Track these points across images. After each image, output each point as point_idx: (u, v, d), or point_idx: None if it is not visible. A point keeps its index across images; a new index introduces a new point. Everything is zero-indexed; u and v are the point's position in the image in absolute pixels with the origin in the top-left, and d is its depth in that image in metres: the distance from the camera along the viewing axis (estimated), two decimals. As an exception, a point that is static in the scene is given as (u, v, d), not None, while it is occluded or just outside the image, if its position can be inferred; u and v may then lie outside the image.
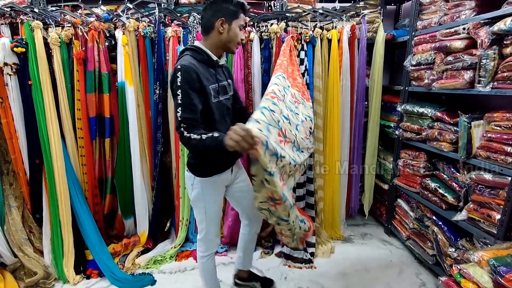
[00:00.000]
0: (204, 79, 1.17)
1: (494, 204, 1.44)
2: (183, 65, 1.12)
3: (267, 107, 1.17)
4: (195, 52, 1.21)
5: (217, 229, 1.42)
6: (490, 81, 1.43)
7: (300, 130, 1.36)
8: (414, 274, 1.89)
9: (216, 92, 1.22)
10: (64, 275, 1.86)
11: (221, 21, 1.18)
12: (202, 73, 1.17)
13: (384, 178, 2.42)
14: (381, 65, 2.19)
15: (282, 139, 1.21)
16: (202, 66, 1.20)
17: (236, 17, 1.20)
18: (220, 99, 1.25)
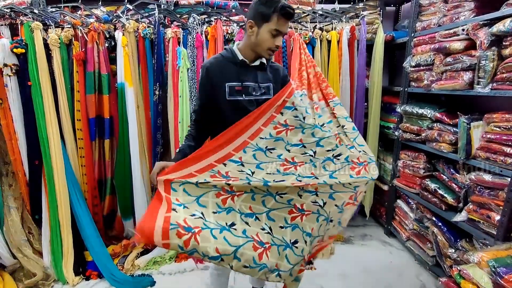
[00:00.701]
0: (220, 75, 1.17)
1: (493, 205, 1.44)
2: (203, 64, 1.21)
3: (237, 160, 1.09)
4: (225, 51, 1.23)
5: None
6: (489, 82, 1.43)
7: (265, 167, 1.13)
8: (414, 276, 1.89)
9: (232, 90, 1.17)
10: (63, 276, 1.85)
11: (250, 24, 1.13)
12: (221, 70, 1.17)
13: (383, 179, 2.42)
14: (380, 66, 2.19)
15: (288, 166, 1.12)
16: (226, 63, 1.19)
17: (267, 21, 1.09)
18: (237, 98, 1.17)
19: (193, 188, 1.04)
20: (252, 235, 1.03)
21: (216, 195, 1.05)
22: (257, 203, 1.08)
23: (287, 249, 1.07)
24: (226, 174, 1.08)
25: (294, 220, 1.10)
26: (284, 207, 1.10)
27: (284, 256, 1.07)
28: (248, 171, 1.10)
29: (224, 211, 1.05)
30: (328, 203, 1.13)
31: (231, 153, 1.10)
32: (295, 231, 1.09)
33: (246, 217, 1.06)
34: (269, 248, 1.04)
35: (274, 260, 1.04)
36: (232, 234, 1.00)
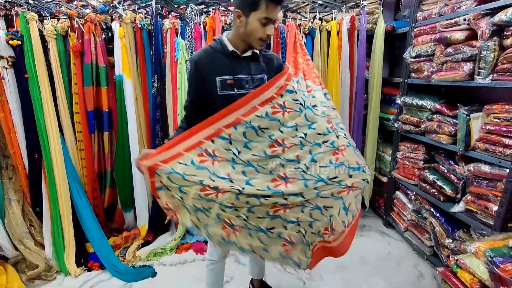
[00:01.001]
0: (210, 69, 1.12)
1: (491, 196, 1.45)
2: (191, 57, 1.18)
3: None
4: (215, 42, 1.17)
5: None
6: (489, 73, 1.42)
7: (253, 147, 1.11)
8: (412, 265, 1.92)
9: (224, 84, 1.13)
10: (65, 267, 1.88)
11: (237, 13, 1.07)
12: (210, 63, 1.13)
13: (383, 170, 2.43)
14: (381, 57, 2.17)
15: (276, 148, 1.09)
16: (216, 56, 1.13)
17: (254, 9, 1.03)
18: (229, 92, 1.13)
19: (179, 179, 1.04)
20: (225, 219, 1.08)
21: (200, 189, 1.05)
22: (241, 202, 1.08)
23: (260, 232, 1.10)
24: (213, 153, 1.07)
25: (276, 212, 1.09)
26: (268, 204, 1.08)
27: (256, 237, 1.11)
28: (235, 150, 1.08)
29: (203, 199, 1.06)
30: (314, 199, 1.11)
31: (222, 129, 1.07)
32: (274, 220, 1.10)
33: (224, 207, 1.07)
34: (240, 230, 1.09)
35: (244, 240, 1.10)
36: (205, 215, 1.08)
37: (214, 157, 1.07)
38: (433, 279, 1.78)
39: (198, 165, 1.05)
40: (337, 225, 1.15)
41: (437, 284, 1.74)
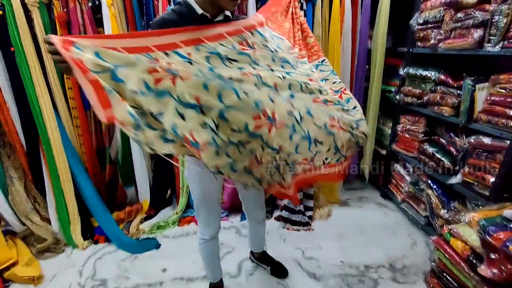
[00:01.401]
0: None
1: (489, 168, 1.45)
2: (152, 21, 0.99)
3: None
4: (179, 5, 1.01)
5: (209, 217, 1.28)
6: (500, 40, 1.36)
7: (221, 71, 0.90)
8: (406, 234, 1.99)
9: None
10: (72, 241, 1.94)
11: None
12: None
13: (382, 143, 2.43)
14: (385, 26, 2.05)
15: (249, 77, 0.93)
16: (182, 21, 0.96)
17: None
18: None
19: (110, 54, 0.74)
20: (184, 133, 0.81)
21: (148, 70, 0.77)
22: (211, 94, 0.83)
23: (232, 146, 0.88)
24: (169, 67, 0.80)
25: (258, 130, 0.90)
26: (248, 107, 0.87)
27: (223, 154, 0.87)
28: (198, 71, 0.85)
29: (151, 93, 0.77)
30: (306, 119, 1.01)
31: (178, 44, 0.84)
32: (253, 139, 0.91)
33: (185, 108, 0.81)
34: (205, 149, 0.84)
35: (211, 160, 0.86)
36: (157, 121, 0.80)
37: (173, 72, 0.81)
38: (426, 247, 1.86)
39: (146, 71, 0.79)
40: (319, 159, 1.10)
41: (430, 251, 1.81)
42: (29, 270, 1.71)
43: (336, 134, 1.11)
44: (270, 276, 1.67)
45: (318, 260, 1.78)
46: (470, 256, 1.28)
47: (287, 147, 0.99)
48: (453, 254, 1.37)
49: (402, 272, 1.68)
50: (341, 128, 1.13)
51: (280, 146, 0.97)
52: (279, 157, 1.00)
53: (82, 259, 1.85)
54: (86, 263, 1.82)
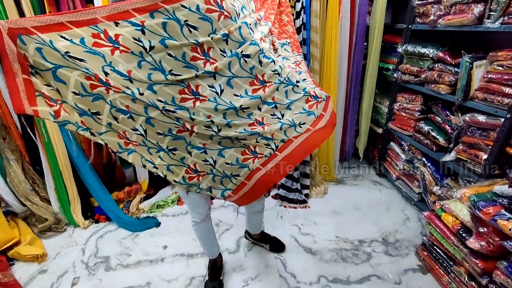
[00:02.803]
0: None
1: (483, 145, 1.48)
2: None
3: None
4: None
5: (195, 203, 1.27)
6: (500, 16, 1.33)
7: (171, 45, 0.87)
8: (400, 210, 2.05)
9: None
10: (74, 220, 1.98)
11: None
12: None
13: (378, 122, 2.44)
14: (384, 1, 2.00)
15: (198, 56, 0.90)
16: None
17: None
18: None
19: (54, 56, 0.77)
20: (119, 130, 0.91)
21: (85, 76, 0.80)
22: (138, 107, 0.88)
23: (161, 152, 0.99)
24: (115, 38, 0.80)
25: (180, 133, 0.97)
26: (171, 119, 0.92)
27: (155, 154, 0.99)
28: (147, 43, 0.83)
29: (88, 96, 0.83)
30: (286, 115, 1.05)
31: (131, 12, 0.80)
32: (177, 141, 0.98)
33: (117, 112, 0.87)
34: (137, 146, 0.95)
35: (146, 154, 0.97)
36: (93, 120, 0.87)
37: (116, 44, 0.81)
38: (418, 222, 1.93)
39: (90, 47, 0.79)
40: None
41: (422, 226, 1.88)
42: (33, 249, 1.76)
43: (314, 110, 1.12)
44: (268, 252, 1.73)
45: (314, 236, 1.84)
46: (460, 230, 1.33)
47: (210, 144, 1.02)
48: (444, 228, 1.43)
49: (394, 245, 1.75)
50: (318, 102, 1.14)
51: (204, 144, 1.01)
52: (210, 157, 1.03)
53: (84, 238, 1.90)
54: (88, 242, 1.87)
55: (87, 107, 0.85)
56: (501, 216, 1.15)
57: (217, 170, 1.08)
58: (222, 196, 1.16)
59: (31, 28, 0.74)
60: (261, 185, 1.13)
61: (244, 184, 1.13)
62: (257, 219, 1.61)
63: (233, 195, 1.17)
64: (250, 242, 1.79)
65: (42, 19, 0.76)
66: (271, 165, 1.10)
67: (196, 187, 1.10)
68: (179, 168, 1.04)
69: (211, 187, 1.13)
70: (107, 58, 0.82)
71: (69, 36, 0.78)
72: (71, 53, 0.78)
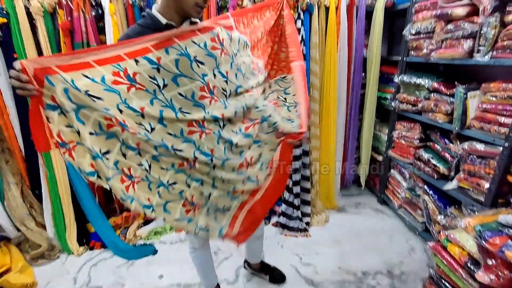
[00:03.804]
0: None
1: (484, 173, 1.48)
2: (119, 39, 0.98)
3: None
4: (143, 18, 0.99)
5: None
6: (489, 50, 1.41)
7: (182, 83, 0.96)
8: (404, 240, 1.99)
9: None
10: (68, 247, 1.92)
11: None
12: None
13: (378, 149, 2.46)
14: (380, 34, 2.12)
15: (205, 95, 0.97)
16: (149, 32, 0.94)
17: None
18: None
19: (78, 97, 0.80)
20: (123, 167, 0.92)
21: (104, 117, 0.84)
22: (149, 146, 0.93)
23: (161, 186, 0.99)
24: (132, 77, 0.86)
25: (181, 166, 1.01)
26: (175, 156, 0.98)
27: (155, 191, 0.99)
28: (161, 81, 0.90)
29: (103, 134, 0.87)
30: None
31: (149, 48, 0.87)
32: (178, 174, 1.01)
33: (126, 149, 0.91)
34: (139, 182, 0.95)
35: (143, 194, 0.97)
36: (102, 162, 0.88)
37: (133, 82, 0.86)
38: (424, 253, 1.86)
39: (109, 85, 0.83)
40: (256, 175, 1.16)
41: (428, 257, 1.81)
42: (23, 277, 1.69)
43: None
44: (268, 283, 1.65)
45: (316, 267, 1.77)
46: (468, 262, 1.28)
47: (206, 179, 1.05)
48: (451, 260, 1.38)
49: (400, 278, 1.68)
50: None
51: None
52: (206, 189, 1.06)
53: (77, 266, 1.83)
54: (80, 270, 1.79)
55: (99, 147, 0.86)
56: (509, 247, 1.11)
57: (211, 202, 1.09)
58: (220, 235, 1.15)
59: (55, 68, 0.77)
60: (251, 217, 1.19)
61: (236, 217, 1.17)
62: (257, 246, 1.57)
63: (229, 232, 1.17)
64: (250, 272, 1.72)
65: (66, 58, 0.79)
66: (259, 195, 1.19)
67: (195, 227, 1.09)
68: (176, 204, 1.03)
69: (208, 225, 1.12)
70: (123, 95, 0.86)
71: (91, 75, 0.81)
72: (90, 91, 0.81)
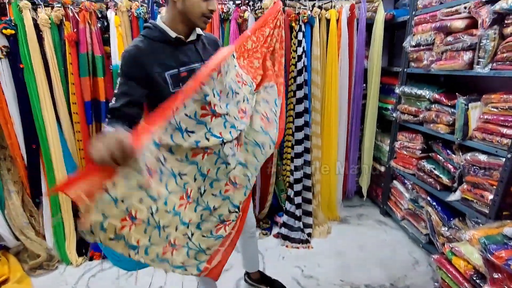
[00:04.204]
0: (154, 64, 0.96)
1: (487, 185, 1.46)
2: (125, 51, 0.97)
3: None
4: (149, 29, 1.00)
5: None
6: (489, 62, 1.42)
7: (230, 108, 1.08)
8: (407, 252, 1.96)
9: (176, 79, 0.98)
10: (67, 257, 1.90)
11: None
12: (152, 57, 0.96)
13: (380, 160, 2.45)
14: (380, 46, 2.15)
15: (208, 113, 0.99)
16: (156, 46, 0.97)
17: None
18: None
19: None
20: (132, 210, 0.89)
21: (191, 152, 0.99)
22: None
23: (155, 229, 0.98)
24: (213, 108, 0.99)
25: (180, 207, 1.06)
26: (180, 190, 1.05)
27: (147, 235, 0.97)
28: (225, 107, 1.04)
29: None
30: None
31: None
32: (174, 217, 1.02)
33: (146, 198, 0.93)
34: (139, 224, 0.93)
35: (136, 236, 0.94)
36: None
37: (214, 112, 1.00)
38: (428, 266, 1.82)
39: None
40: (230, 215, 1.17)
41: (432, 271, 1.78)
42: (20, 288, 1.67)
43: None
44: (269, 296, 1.62)
45: (318, 279, 1.74)
46: (473, 276, 1.25)
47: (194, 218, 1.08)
48: (456, 273, 1.35)
49: (404, 292, 1.64)
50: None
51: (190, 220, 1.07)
52: (190, 231, 1.07)
53: (76, 277, 1.80)
54: (79, 281, 1.77)
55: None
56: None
57: (192, 243, 1.08)
58: (198, 271, 1.11)
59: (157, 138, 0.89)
60: (230, 250, 1.21)
61: (218, 251, 1.17)
62: (252, 248, 1.55)
63: (208, 266, 1.15)
64: (250, 284, 1.69)
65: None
66: (239, 223, 1.22)
67: (169, 265, 1.05)
68: (158, 247, 0.99)
69: (184, 264, 1.08)
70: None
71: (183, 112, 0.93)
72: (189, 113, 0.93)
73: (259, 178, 2.22)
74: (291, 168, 2.17)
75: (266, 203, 2.27)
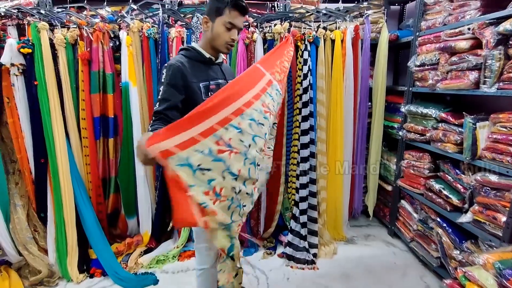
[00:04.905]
0: (192, 76, 1.16)
1: (499, 206, 1.42)
2: (169, 63, 1.15)
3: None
4: (187, 50, 1.23)
5: (208, 244, 1.29)
6: (495, 82, 1.42)
7: (257, 142, 1.10)
8: (418, 277, 1.87)
9: (207, 90, 1.20)
10: (68, 273, 1.87)
11: (205, 19, 1.19)
12: (191, 71, 1.16)
13: (387, 179, 2.41)
14: (385, 66, 2.18)
15: (224, 148, 0.99)
16: (194, 63, 1.19)
17: (220, 14, 1.14)
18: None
19: (188, 174, 0.91)
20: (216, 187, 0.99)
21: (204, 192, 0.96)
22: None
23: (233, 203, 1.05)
24: (229, 142, 0.98)
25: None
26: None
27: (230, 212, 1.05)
28: (246, 142, 1.04)
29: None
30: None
31: (230, 117, 1.00)
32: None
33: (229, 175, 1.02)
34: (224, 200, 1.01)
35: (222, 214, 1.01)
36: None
37: (231, 148, 0.98)
38: (441, 291, 1.74)
39: (215, 155, 0.95)
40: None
41: (445, 296, 1.69)
42: (20, 305, 1.63)
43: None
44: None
45: (324, 303, 1.67)
46: (489, 303, 1.19)
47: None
48: (470, 300, 1.28)
49: (415, 319, 1.55)
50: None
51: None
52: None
53: (76, 294, 1.76)
54: (79, 299, 1.73)
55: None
56: (532, 287, 1.03)
57: (236, 198, 1.09)
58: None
59: (174, 147, 0.88)
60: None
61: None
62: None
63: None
64: None
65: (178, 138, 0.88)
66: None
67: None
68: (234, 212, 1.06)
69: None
70: (227, 162, 0.98)
71: (201, 149, 0.92)
72: (201, 166, 0.92)
73: (265, 196, 2.20)
74: (297, 185, 2.14)
75: (272, 222, 2.24)
